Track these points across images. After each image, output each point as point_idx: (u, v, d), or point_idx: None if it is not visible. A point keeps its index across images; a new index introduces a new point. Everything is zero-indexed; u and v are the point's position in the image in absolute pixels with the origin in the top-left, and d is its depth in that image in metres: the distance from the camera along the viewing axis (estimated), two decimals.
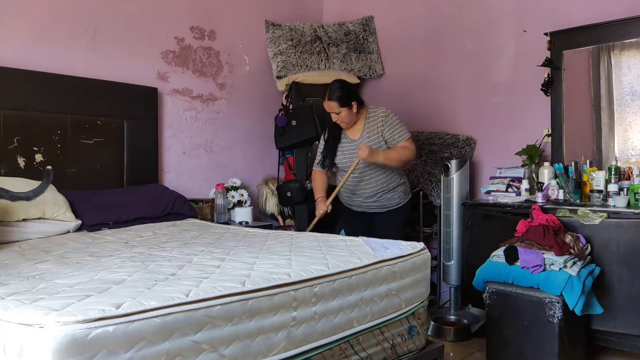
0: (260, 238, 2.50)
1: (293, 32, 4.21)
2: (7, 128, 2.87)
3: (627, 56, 3.19)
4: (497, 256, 2.68)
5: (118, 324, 1.22)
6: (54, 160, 3.03)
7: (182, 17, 3.77)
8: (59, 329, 1.15)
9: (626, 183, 2.88)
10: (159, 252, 2.09)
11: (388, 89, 4.35)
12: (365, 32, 4.36)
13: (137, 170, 3.42)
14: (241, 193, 3.80)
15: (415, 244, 2.19)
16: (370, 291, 1.89)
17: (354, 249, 2.11)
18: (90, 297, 1.35)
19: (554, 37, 3.32)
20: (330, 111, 3.04)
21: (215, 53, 3.98)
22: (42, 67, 3.03)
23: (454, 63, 3.93)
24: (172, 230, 2.78)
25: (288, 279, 1.63)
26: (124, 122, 3.36)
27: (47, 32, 3.11)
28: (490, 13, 3.75)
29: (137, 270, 1.71)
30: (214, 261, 1.88)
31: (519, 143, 3.47)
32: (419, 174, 3.71)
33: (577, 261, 2.54)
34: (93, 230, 2.75)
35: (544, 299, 2.48)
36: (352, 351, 1.83)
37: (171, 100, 3.73)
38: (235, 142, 4.12)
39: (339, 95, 2.99)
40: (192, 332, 1.36)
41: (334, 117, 3.06)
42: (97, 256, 2.03)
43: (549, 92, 3.38)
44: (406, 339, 2.08)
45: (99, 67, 3.31)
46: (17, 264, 1.89)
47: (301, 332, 1.63)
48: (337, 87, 3.02)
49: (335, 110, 3.02)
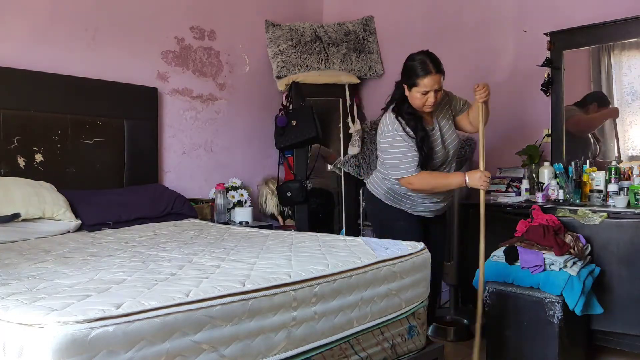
0: (260, 238, 2.50)
1: (293, 32, 4.21)
2: (7, 128, 2.87)
3: (627, 56, 3.19)
4: (497, 256, 2.68)
5: (118, 324, 1.22)
6: (54, 160, 3.03)
7: (182, 17, 3.77)
8: (59, 329, 1.15)
9: (626, 183, 2.88)
10: (159, 252, 2.09)
11: (388, 89, 4.29)
12: (365, 32, 4.35)
13: (137, 170, 3.42)
14: (241, 193, 3.80)
15: (415, 244, 2.19)
16: (370, 291, 1.89)
17: (354, 249, 2.11)
18: (90, 297, 1.35)
19: (554, 37, 3.32)
20: (430, 89, 2.43)
21: (215, 53, 3.98)
22: (42, 67, 3.03)
23: (454, 63, 3.92)
24: (172, 230, 2.78)
25: (288, 279, 1.63)
26: (124, 122, 3.36)
27: (47, 32, 3.11)
28: (490, 13, 3.75)
29: (137, 270, 1.71)
30: (214, 261, 1.88)
31: (519, 143, 3.47)
32: None
33: (577, 261, 2.54)
34: (93, 230, 2.75)
35: (544, 299, 2.48)
36: (352, 351, 1.83)
37: (171, 100, 3.73)
38: (235, 142, 4.12)
39: (442, 67, 2.46)
40: (192, 332, 1.36)
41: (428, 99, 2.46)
42: (97, 256, 2.03)
43: (549, 92, 3.38)
44: (406, 339, 2.08)
45: (99, 67, 3.31)
46: (17, 264, 1.89)
47: (301, 332, 1.63)
48: (435, 56, 2.48)
49: (438, 86, 2.45)
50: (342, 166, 4.06)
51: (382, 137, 2.57)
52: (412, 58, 2.52)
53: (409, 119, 2.51)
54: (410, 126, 2.50)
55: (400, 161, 2.49)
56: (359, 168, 4.03)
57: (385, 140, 2.55)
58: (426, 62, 2.45)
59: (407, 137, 2.48)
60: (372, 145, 4.14)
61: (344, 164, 4.05)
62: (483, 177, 2.45)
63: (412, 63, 2.49)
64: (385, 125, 2.56)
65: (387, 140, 2.54)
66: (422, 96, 2.46)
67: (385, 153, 2.57)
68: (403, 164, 2.48)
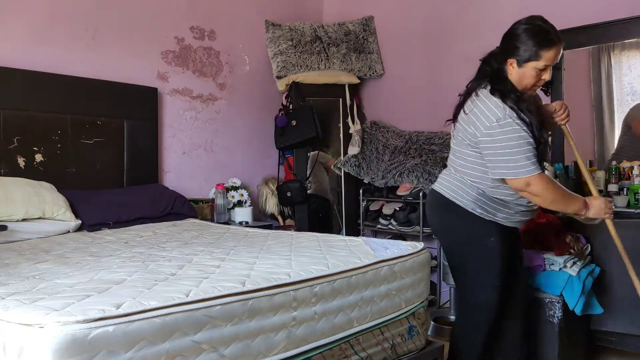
0: (260, 238, 2.50)
1: (293, 32, 4.21)
2: (7, 128, 2.86)
3: (627, 56, 3.19)
4: None
5: (118, 324, 1.22)
6: (54, 160, 3.03)
7: (182, 17, 3.77)
8: (59, 329, 1.15)
9: (626, 183, 2.88)
10: (159, 252, 2.09)
11: (388, 89, 4.35)
12: (365, 32, 4.35)
13: (137, 170, 3.42)
14: (241, 193, 3.80)
15: (415, 244, 2.19)
16: (370, 291, 1.89)
17: (354, 249, 2.11)
18: (90, 297, 1.35)
19: None
20: (552, 63, 2.03)
21: (215, 53, 3.98)
22: (42, 67, 3.03)
23: (454, 63, 3.93)
24: (172, 230, 2.78)
25: (288, 279, 1.63)
26: (124, 122, 3.36)
27: (47, 32, 3.11)
28: (490, 13, 3.75)
29: (137, 270, 1.71)
30: (214, 261, 1.88)
31: None
32: (419, 174, 3.71)
33: (577, 261, 2.54)
34: (93, 230, 2.75)
35: (544, 299, 2.48)
36: (352, 351, 1.83)
37: (171, 100, 3.73)
38: (235, 142, 4.12)
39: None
40: (192, 332, 1.36)
41: (543, 77, 2.05)
42: (97, 256, 2.03)
43: (549, 92, 3.38)
44: (406, 339, 2.08)
45: (99, 67, 3.31)
46: (17, 264, 1.89)
47: (301, 332, 1.63)
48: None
49: (557, 60, 2.04)
50: (342, 166, 4.07)
51: (489, 128, 1.96)
52: (530, 24, 2.04)
53: (520, 103, 1.98)
54: (525, 113, 1.96)
55: (518, 157, 1.93)
56: (359, 168, 4.03)
57: (494, 131, 1.96)
58: (548, 30, 2.00)
59: (525, 127, 1.94)
60: (372, 145, 4.14)
61: (344, 164, 4.06)
62: (608, 205, 2.07)
63: (531, 30, 2.01)
64: (491, 112, 1.97)
65: (498, 131, 1.95)
66: (538, 73, 2.02)
67: (492, 147, 1.98)
68: (522, 160, 1.93)
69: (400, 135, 4.09)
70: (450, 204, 2.14)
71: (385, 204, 3.94)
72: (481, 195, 2.09)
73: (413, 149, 3.92)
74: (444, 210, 2.19)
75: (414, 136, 4.01)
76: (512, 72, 2.05)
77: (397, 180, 3.79)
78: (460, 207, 2.12)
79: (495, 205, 2.09)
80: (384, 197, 3.92)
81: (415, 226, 3.74)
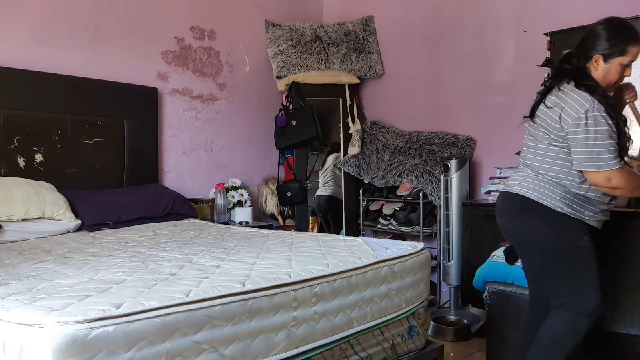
0: (260, 238, 2.50)
1: (293, 32, 4.21)
2: (7, 128, 2.87)
3: None
4: (497, 256, 2.68)
5: (118, 324, 1.22)
6: (54, 160, 3.03)
7: (182, 17, 3.77)
8: (59, 329, 1.15)
9: None
10: (159, 252, 2.09)
11: (388, 89, 4.35)
12: (365, 32, 4.36)
13: (137, 170, 3.42)
14: (241, 193, 3.80)
15: (415, 244, 2.20)
16: (370, 291, 1.89)
17: (354, 249, 2.11)
18: (90, 297, 1.35)
19: (554, 37, 3.32)
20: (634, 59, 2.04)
21: (215, 53, 3.98)
22: (42, 67, 3.03)
23: (454, 63, 3.93)
24: (172, 230, 2.78)
25: (288, 279, 1.63)
26: (124, 122, 3.36)
27: (47, 32, 3.11)
28: (490, 13, 3.75)
29: (137, 270, 1.71)
30: (214, 261, 1.88)
31: (519, 143, 3.45)
32: (419, 174, 3.71)
33: None
34: (93, 230, 2.75)
35: None
36: (352, 351, 1.83)
37: (171, 100, 3.73)
38: (235, 142, 4.12)
39: None
40: (192, 332, 1.36)
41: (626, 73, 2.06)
42: (97, 256, 2.03)
43: None
44: (406, 339, 2.08)
45: (99, 67, 3.31)
46: (17, 264, 1.89)
47: (301, 332, 1.63)
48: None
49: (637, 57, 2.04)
50: (342, 166, 4.07)
51: (577, 120, 1.94)
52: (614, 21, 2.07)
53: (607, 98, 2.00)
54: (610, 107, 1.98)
55: (603, 149, 1.91)
56: (359, 168, 4.03)
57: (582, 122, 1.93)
58: (633, 27, 2.01)
59: (610, 121, 1.94)
60: (372, 145, 4.14)
61: (344, 164, 4.06)
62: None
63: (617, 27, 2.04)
64: (579, 104, 1.95)
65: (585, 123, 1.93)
66: (622, 69, 2.02)
67: (578, 139, 1.95)
68: (606, 153, 1.91)
69: (400, 135, 4.09)
70: (535, 205, 2.04)
71: (385, 204, 3.94)
72: (567, 193, 2.02)
73: (413, 149, 3.92)
74: (527, 212, 2.08)
75: (414, 136, 4.01)
76: (597, 69, 2.04)
77: (397, 180, 3.80)
78: (547, 208, 2.02)
79: (581, 202, 2.02)
80: (384, 197, 3.92)
81: (415, 226, 3.74)
